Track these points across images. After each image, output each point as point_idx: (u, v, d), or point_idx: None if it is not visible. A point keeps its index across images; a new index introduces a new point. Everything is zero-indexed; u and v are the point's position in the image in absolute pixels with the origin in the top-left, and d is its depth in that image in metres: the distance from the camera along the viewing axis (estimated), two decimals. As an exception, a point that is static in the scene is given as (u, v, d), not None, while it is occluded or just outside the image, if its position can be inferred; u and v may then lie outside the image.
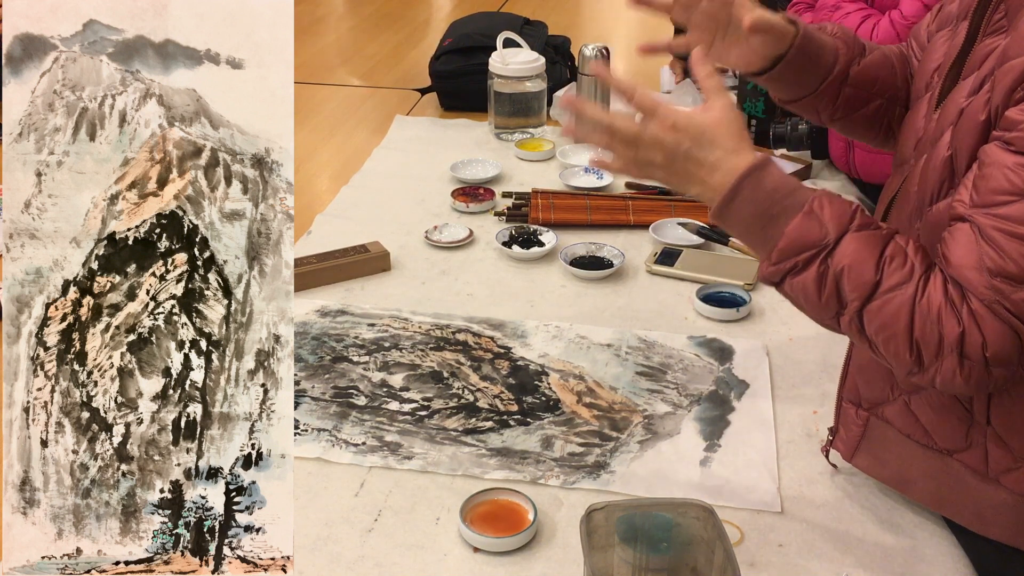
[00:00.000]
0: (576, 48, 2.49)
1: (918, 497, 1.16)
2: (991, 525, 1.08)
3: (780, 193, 0.98)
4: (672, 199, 2.00)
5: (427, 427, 1.36)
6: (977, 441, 1.06)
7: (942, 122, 1.02)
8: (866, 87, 1.22)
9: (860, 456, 1.20)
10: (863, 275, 0.94)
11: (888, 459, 1.16)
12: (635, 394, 1.43)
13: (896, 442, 1.14)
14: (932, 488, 1.12)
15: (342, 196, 2.08)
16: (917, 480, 1.13)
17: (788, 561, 1.13)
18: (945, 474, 1.10)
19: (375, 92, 2.79)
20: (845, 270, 0.95)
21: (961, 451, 1.08)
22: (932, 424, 1.09)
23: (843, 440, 1.21)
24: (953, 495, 1.10)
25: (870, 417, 1.17)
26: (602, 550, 1.02)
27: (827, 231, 0.96)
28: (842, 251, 0.95)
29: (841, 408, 1.22)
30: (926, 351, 0.93)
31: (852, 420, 1.19)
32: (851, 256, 0.95)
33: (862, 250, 0.95)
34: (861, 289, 0.94)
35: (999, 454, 1.05)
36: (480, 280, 1.74)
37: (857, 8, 1.89)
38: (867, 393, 1.17)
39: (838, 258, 0.95)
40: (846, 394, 1.20)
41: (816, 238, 0.96)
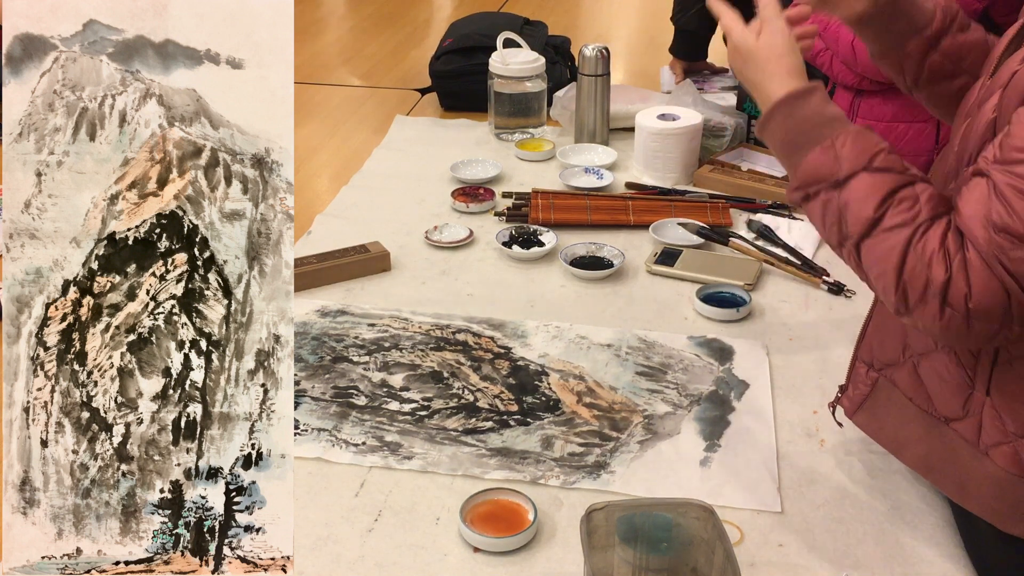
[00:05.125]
0: (576, 48, 2.49)
1: (908, 460, 1.18)
2: (971, 497, 1.10)
3: (810, 123, 1.03)
4: (672, 199, 2.01)
5: (427, 427, 1.36)
6: (974, 411, 1.08)
7: (992, 86, 1.03)
8: (955, 60, 1.22)
9: (861, 414, 1.23)
10: (863, 211, 0.98)
11: (887, 420, 1.19)
12: (635, 394, 1.43)
13: (898, 405, 1.16)
14: (923, 453, 1.15)
15: (342, 196, 2.08)
16: (910, 444, 1.16)
17: (788, 561, 1.13)
18: (939, 441, 1.12)
19: (375, 92, 2.79)
20: (849, 204, 0.99)
21: (958, 420, 1.10)
22: (935, 390, 1.11)
23: (849, 398, 1.24)
24: (942, 463, 1.12)
25: (879, 378, 1.19)
26: (602, 550, 1.02)
27: (840, 167, 1.00)
28: (851, 187, 0.99)
29: (854, 367, 1.24)
30: (912, 292, 0.96)
31: (862, 379, 1.22)
32: (857, 193, 0.99)
33: (869, 189, 0.98)
34: (860, 225, 0.99)
35: (993, 427, 1.06)
36: (480, 280, 1.74)
37: None
38: (880, 354, 1.19)
39: (845, 194, 1.00)
40: (861, 354, 1.23)
41: (829, 171, 1.01)
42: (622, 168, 2.19)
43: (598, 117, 2.28)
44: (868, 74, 1.88)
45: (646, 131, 2.09)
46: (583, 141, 2.30)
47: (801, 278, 1.72)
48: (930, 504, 1.21)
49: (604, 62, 2.23)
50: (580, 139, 2.31)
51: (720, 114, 2.25)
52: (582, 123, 2.29)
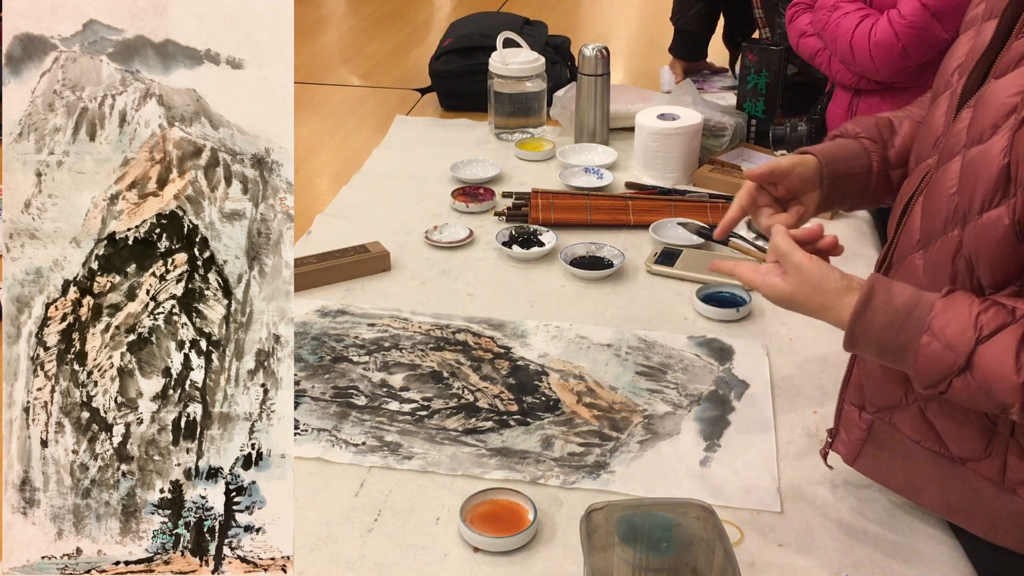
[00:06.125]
0: (576, 48, 2.49)
1: (927, 504, 1.14)
2: (1004, 534, 1.07)
3: (892, 329, 0.99)
4: (672, 199, 2.01)
5: (427, 427, 1.36)
6: (997, 452, 1.05)
7: (980, 121, 1.00)
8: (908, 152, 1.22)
9: (863, 461, 1.18)
10: (1008, 381, 0.93)
11: (894, 465, 1.15)
12: (635, 394, 1.43)
13: (903, 448, 1.12)
14: (941, 495, 1.11)
15: (342, 196, 2.08)
16: (926, 487, 1.12)
17: (788, 561, 1.13)
18: (957, 482, 1.09)
19: (375, 92, 2.79)
20: (989, 381, 0.94)
21: (977, 460, 1.06)
22: (948, 433, 1.08)
23: (844, 443, 1.19)
24: (964, 503, 1.09)
25: (875, 420, 1.15)
26: (602, 550, 1.02)
27: (956, 353, 0.95)
28: (979, 366, 0.95)
29: (843, 411, 1.20)
30: None
31: (855, 423, 1.17)
32: (990, 368, 0.94)
33: (999, 357, 0.94)
34: (1013, 393, 0.94)
35: (1018, 466, 1.04)
36: (480, 280, 1.74)
37: (855, 8, 1.89)
38: (875, 398, 1.15)
39: (978, 374, 0.95)
40: (849, 397, 1.18)
41: (947, 364, 0.96)
42: (622, 168, 2.19)
43: (598, 117, 2.28)
44: (866, 74, 1.88)
45: (646, 131, 2.09)
46: (583, 141, 2.30)
47: (801, 278, 1.72)
48: (930, 504, 1.21)
49: (604, 62, 2.23)
50: (580, 139, 2.31)
51: (720, 114, 2.25)
52: (582, 123, 2.30)
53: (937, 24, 1.76)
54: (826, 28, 1.92)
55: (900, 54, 1.80)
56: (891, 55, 1.81)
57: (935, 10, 1.75)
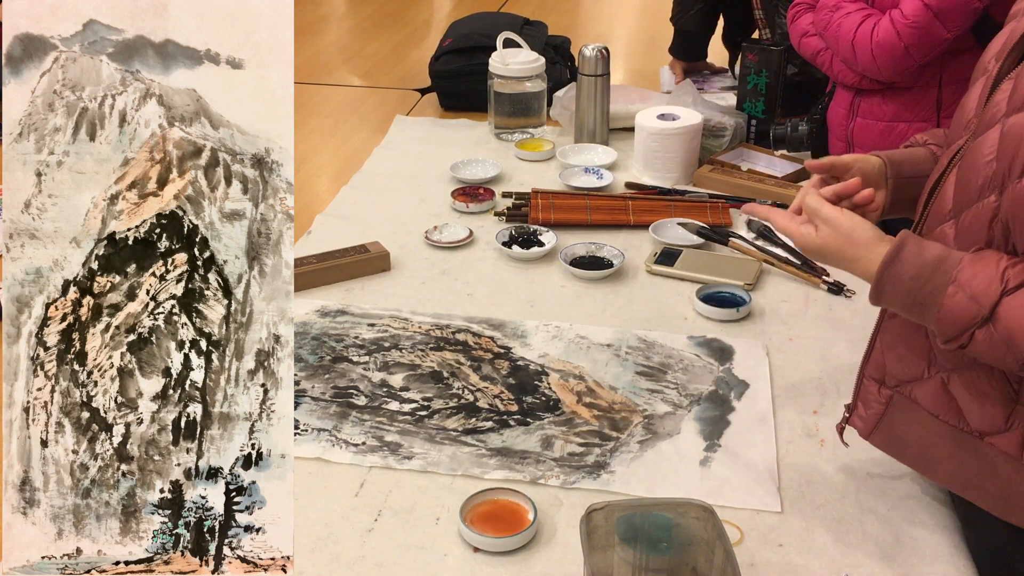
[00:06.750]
0: (576, 48, 2.49)
1: (941, 479, 1.14)
2: (1016, 511, 1.07)
3: (920, 280, 1.00)
4: (672, 199, 2.01)
5: (427, 427, 1.36)
6: (1018, 424, 1.05)
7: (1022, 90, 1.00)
8: None
9: (879, 434, 1.18)
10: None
11: (910, 439, 1.15)
12: (635, 394, 1.43)
13: (920, 422, 1.12)
14: (957, 470, 1.11)
15: (342, 196, 2.08)
16: (942, 462, 1.12)
17: (788, 561, 1.13)
18: (973, 456, 1.08)
19: (375, 92, 2.79)
20: (1011, 332, 0.95)
21: (997, 434, 1.06)
22: (969, 405, 1.08)
23: (861, 418, 1.19)
24: (980, 479, 1.09)
25: (894, 395, 1.15)
26: (602, 550, 1.02)
27: (980, 304, 0.96)
28: (1002, 317, 0.95)
29: (862, 385, 1.20)
30: None
31: (873, 398, 1.17)
32: (1013, 318, 0.95)
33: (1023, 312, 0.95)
34: None
35: None
36: (480, 280, 1.74)
37: (857, 8, 1.89)
38: (896, 371, 1.15)
39: (1002, 325, 0.96)
40: (869, 371, 1.19)
41: (971, 315, 0.97)
42: (622, 168, 2.19)
43: (598, 117, 2.28)
44: (868, 74, 1.88)
45: (646, 131, 2.09)
46: (583, 141, 2.30)
47: (801, 278, 1.72)
48: (930, 504, 1.21)
49: (604, 62, 2.23)
50: (580, 139, 2.31)
51: (720, 114, 2.25)
52: (582, 123, 2.30)
53: (939, 24, 1.76)
54: (828, 28, 1.92)
55: (902, 54, 1.80)
56: (893, 55, 1.81)
57: (937, 10, 1.75)
